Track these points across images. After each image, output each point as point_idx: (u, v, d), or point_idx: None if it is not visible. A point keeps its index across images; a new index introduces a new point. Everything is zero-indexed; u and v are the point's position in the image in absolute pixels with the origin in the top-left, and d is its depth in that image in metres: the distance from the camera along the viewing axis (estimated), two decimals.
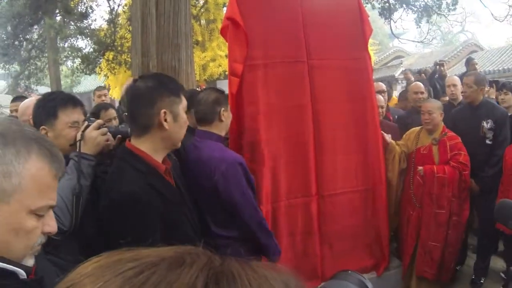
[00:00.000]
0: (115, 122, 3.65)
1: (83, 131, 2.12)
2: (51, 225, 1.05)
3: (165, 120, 1.95)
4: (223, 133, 2.89)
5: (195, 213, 2.34)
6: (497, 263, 5.09)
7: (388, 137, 4.34)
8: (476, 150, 4.53)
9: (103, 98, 5.95)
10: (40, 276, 1.07)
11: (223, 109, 2.78)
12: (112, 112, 3.78)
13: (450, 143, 4.35)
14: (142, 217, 1.85)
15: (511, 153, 4.19)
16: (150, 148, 1.99)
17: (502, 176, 4.34)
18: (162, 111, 1.94)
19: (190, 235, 2.12)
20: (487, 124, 4.56)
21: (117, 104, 5.88)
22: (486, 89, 5.22)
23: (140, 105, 1.97)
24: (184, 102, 2.08)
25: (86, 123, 2.17)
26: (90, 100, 14.82)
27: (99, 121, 2.21)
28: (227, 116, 2.84)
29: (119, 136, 2.27)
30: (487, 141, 4.58)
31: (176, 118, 2.01)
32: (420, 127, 4.59)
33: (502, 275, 4.81)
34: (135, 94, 2.00)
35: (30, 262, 1.04)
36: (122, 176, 1.93)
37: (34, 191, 0.98)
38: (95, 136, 2.12)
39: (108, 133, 2.21)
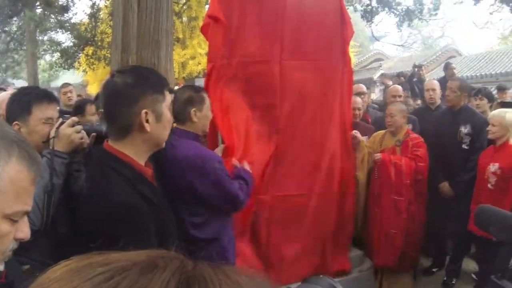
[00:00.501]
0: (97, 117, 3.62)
1: (57, 128, 2.06)
2: (24, 231, 1.01)
3: (147, 121, 1.73)
4: (199, 132, 2.87)
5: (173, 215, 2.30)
6: (469, 265, 5.19)
7: (364, 138, 4.43)
8: (452, 155, 4.64)
9: (69, 95, 5.88)
10: (10, 280, 1.04)
11: (194, 109, 2.74)
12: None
13: (412, 143, 4.47)
14: (140, 228, 1.72)
15: (484, 158, 4.26)
16: (132, 151, 1.78)
17: (475, 181, 4.41)
18: (143, 111, 1.72)
19: (175, 238, 2.05)
20: (464, 129, 4.64)
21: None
22: None
23: (119, 104, 1.75)
24: (168, 99, 1.86)
25: (60, 119, 2.11)
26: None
27: (74, 118, 2.15)
28: (200, 116, 2.79)
29: (94, 134, 2.21)
30: (464, 146, 4.66)
31: (159, 118, 1.79)
32: (385, 130, 4.71)
33: (474, 276, 4.90)
34: (113, 91, 1.77)
35: (0, 267, 1.02)
36: (109, 184, 1.73)
37: (11, 195, 0.93)
38: (69, 134, 2.07)
39: (83, 131, 2.15)
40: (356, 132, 4.32)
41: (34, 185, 1.00)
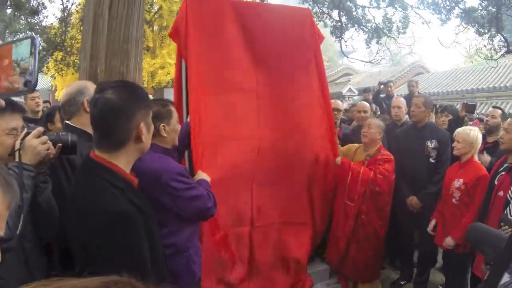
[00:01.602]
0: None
1: (22, 140, 1.97)
2: None
3: (142, 133, 1.82)
4: (169, 146, 2.87)
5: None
6: (437, 276, 5.27)
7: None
8: (419, 168, 4.75)
9: (37, 100, 5.75)
10: None
11: (163, 124, 2.76)
12: None
13: (380, 158, 4.59)
14: (135, 235, 1.72)
15: (449, 174, 4.37)
16: (123, 162, 1.83)
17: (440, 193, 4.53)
18: (141, 125, 1.81)
19: (159, 245, 2.02)
20: (431, 144, 4.76)
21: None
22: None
23: (117, 120, 1.76)
24: (150, 110, 1.94)
25: (25, 130, 2.02)
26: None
27: (40, 128, 2.05)
28: (169, 130, 2.82)
29: (60, 145, 2.12)
30: (431, 160, 4.78)
31: (149, 129, 1.90)
32: (360, 144, 4.79)
33: None
34: (110, 108, 1.75)
35: None
36: (101, 195, 1.72)
37: None
38: (35, 145, 1.98)
39: (49, 141, 2.05)
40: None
41: (8, 211, 0.98)
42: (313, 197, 4.39)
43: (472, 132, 4.20)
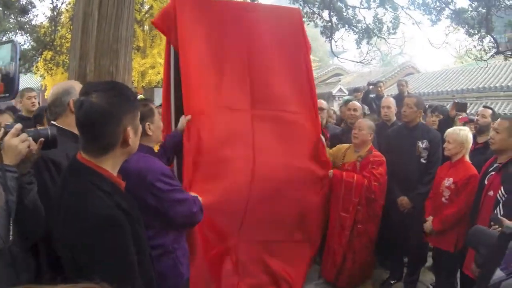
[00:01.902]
0: None
1: (1, 140, 1.90)
2: None
3: (129, 136, 1.79)
4: (153, 144, 2.87)
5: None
6: (427, 276, 5.29)
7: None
8: (410, 168, 4.77)
9: (33, 100, 5.72)
10: None
11: (148, 123, 2.77)
12: None
13: (373, 160, 4.57)
14: (122, 239, 1.68)
15: (440, 173, 4.40)
16: (110, 165, 1.80)
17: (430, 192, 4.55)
18: (128, 128, 1.77)
19: (146, 248, 1.98)
20: (422, 144, 4.78)
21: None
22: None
23: (103, 125, 1.72)
24: (138, 112, 1.90)
25: (2, 130, 1.93)
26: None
27: (17, 126, 1.95)
28: (154, 129, 2.83)
29: (41, 139, 2.03)
30: (422, 160, 4.81)
31: (137, 131, 1.86)
32: (350, 144, 4.76)
33: (431, 287, 5.01)
34: (95, 112, 1.70)
35: None
36: (89, 198, 1.69)
37: None
38: (15, 144, 1.90)
39: (29, 138, 1.97)
40: None
41: None
42: (308, 215, 4.29)
43: (462, 132, 4.23)
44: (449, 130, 4.37)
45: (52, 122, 2.69)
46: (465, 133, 4.25)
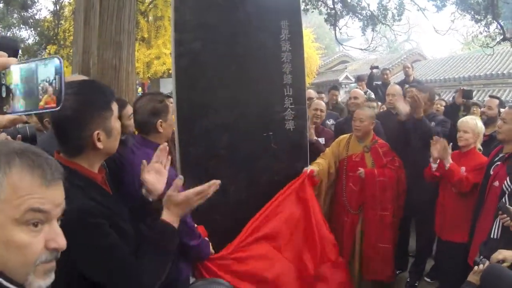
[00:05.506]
0: None
1: None
2: (57, 240, 1.01)
3: (99, 140, 1.75)
4: (162, 142, 2.84)
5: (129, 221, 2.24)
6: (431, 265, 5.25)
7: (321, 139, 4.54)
8: (421, 158, 4.64)
9: None
10: None
11: (160, 121, 2.74)
12: None
13: (382, 150, 4.49)
14: (97, 229, 1.67)
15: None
16: (86, 164, 1.78)
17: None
18: (95, 133, 1.74)
19: (132, 244, 1.97)
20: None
21: None
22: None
23: (69, 129, 1.72)
24: (115, 111, 1.85)
25: None
26: None
27: None
28: (166, 126, 2.79)
29: (19, 136, 2.06)
30: None
31: (110, 134, 1.81)
32: (349, 134, 4.68)
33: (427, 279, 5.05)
34: (61, 115, 1.67)
35: (36, 284, 0.98)
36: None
37: (16, 201, 0.94)
38: None
39: (8, 137, 1.99)
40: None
41: (48, 186, 1.01)
42: None
43: (479, 123, 4.21)
44: (466, 120, 4.27)
45: (46, 119, 2.67)
46: (481, 123, 4.23)
